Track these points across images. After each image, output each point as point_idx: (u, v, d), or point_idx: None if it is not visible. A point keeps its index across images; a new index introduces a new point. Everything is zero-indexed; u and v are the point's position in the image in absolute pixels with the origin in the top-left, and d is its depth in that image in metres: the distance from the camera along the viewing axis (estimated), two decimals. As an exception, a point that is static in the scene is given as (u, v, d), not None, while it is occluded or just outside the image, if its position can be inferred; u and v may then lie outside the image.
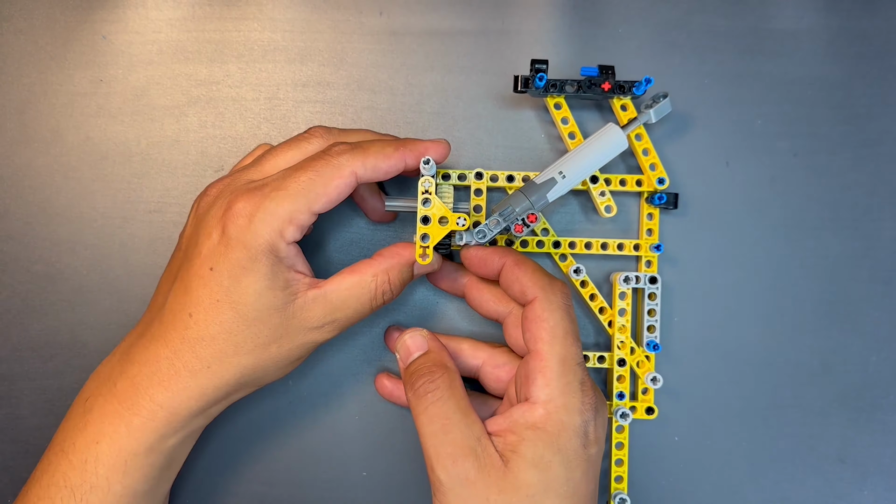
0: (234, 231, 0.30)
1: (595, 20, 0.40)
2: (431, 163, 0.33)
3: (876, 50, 0.39)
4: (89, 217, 0.39)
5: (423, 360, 0.33)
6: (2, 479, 0.39)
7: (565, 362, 0.31)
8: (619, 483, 0.37)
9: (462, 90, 0.39)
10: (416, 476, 0.39)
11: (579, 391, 0.31)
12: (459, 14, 0.40)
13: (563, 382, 0.31)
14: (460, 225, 0.33)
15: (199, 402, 0.31)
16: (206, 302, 0.30)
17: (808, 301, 0.39)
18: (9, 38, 0.39)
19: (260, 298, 0.30)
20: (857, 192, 0.39)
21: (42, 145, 0.39)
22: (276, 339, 0.31)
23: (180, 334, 0.31)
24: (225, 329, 0.31)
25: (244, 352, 0.31)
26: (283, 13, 0.40)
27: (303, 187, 0.31)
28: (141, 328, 0.33)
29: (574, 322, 0.32)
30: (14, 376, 0.39)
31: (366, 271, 0.33)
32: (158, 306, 0.32)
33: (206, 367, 0.31)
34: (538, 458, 0.30)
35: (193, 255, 0.31)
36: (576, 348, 0.31)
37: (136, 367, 0.31)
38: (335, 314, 0.32)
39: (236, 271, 0.30)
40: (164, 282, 0.33)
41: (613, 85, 0.36)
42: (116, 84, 0.39)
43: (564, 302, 0.32)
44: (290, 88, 0.40)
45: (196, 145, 0.39)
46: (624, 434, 0.38)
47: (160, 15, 0.40)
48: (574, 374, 0.31)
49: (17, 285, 0.39)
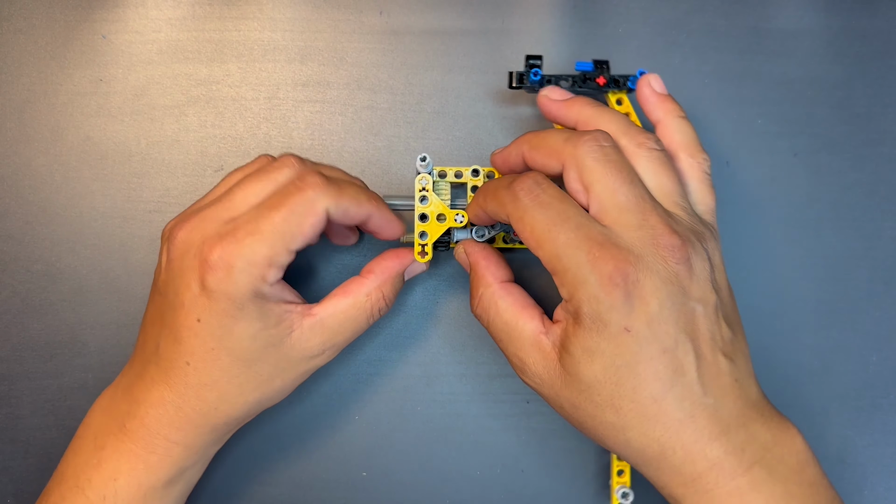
0: (213, 283, 0.29)
1: (595, 20, 0.40)
2: (428, 160, 0.33)
3: (876, 50, 0.39)
4: (89, 217, 0.39)
5: (470, 281, 0.33)
6: (2, 479, 0.39)
7: (561, 254, 0.28)
8: (621, 477, 0.37)
9: (462, 90, 0.39)
10: (416, 476, 0.39)
11: (591, 274, 0.27)
12: (459, 14, 0.40)
13: (571, 274, 0.28)
14: (458, 222, 0.33)
15: (211, 435, 0.32)
16: (200, 351, 0.30)
17: (808, 301, 0.39)
18: (9, 37, 0.39)
19: (255, 341, 0.30)
20: (857, 192, 0.39)
21: (42, 145, 0.39)
22: (279, 373, 0.31)
23: (182, 381, 0.30)
24: (226, 373, 0.30)
25: (249, 391, 0.31)
26: (283, 13, 0.40)
27: (278, 228, 0.30)
28: (138, 368, 0.32)
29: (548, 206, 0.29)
30: (14, 376, 0.39)
31: (359, 292, 0.33)
32: (151, 350, 0.31)
33: (214, 408, 0.31)
34: (581, 352, 0.28)
35: (176, 305, 0.30)
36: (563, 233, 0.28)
37: (143, 408, 0.31)
38: (334, 339, 0.32)
39: (225, 321, 0.30)
40: (150, 323, 0.32)
41: (608, 79, 0.36)
42: (116, 84, 0.39)
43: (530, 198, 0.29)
44: (290, 88, 0.40)
45: (196, 145, 0.39)
46: None
47: (160, 14, 0.40)
48: (575, 260, 0.27)
49: (17, 285, 0.39)
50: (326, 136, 0.39)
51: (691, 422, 0.27)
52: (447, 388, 0.39)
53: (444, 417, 0.39)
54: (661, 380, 0.27)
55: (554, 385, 0.29)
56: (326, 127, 0.39)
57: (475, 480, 0.39)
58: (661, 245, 0.27)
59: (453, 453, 0.39)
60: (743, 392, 0.29)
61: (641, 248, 0.27)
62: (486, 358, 0.39)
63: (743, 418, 0.28)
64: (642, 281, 0.27)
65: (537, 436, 0.39)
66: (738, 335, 0.30)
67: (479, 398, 0.39)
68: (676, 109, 0.33)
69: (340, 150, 0.39)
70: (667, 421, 0.27)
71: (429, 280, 0.39)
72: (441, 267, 0.39)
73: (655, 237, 0.28)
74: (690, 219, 0.30)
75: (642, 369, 0.27)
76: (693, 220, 0.30)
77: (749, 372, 0.29)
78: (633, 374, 0.27)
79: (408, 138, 0.39)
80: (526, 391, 0.39)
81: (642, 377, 0.27)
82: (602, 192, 0.28)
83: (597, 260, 0.27)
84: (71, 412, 0.39)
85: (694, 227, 0.29)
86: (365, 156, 0.39)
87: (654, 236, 0.28)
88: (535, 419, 0.39)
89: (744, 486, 0.27)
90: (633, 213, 0.28)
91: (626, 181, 0.29)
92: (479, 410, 0.39)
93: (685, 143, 0.32)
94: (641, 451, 0.28)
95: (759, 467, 0.27)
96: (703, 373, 0.28)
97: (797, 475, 0.28)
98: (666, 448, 0.28)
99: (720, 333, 0.29)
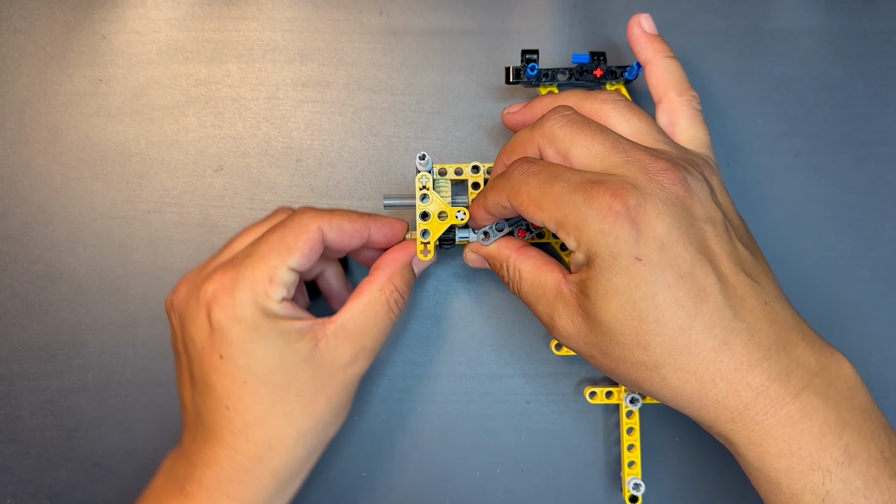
0: (221, 313, 0.29)
1: (595, 19, 0.40)
2: (427, 158, 0.33)
3: (876, 50, 0.39)
4: (89, 217, 0.39)
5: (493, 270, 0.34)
6: (2, 479, 0.39)
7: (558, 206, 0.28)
8: (632, 468, 0.37)
9: (462, 90, 0.39)
10: (416, 476, 0.39)
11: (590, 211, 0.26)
12: (459, 14, 0.40)
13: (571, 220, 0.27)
14: (460, 219, 0.33)
15: (274, 483, 0.30)
16: (234, 389, 0.29)
17: (808, 301, 0.39)
18: (8, 37, 0.39)
19: (283, 360, 0.30)
20: (858, 192, 0.39)
21: (41, 145, 0.39)
22: (320, 389, 0.31)
23: (227, 428, 0.30)
24: (266, 405, 0.30)
25: (296, 417, 0.30)
26: (283, 13, 0.40)
27: (272, 247, 0.30)
28: (189, 434, 0.32)
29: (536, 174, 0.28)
30: (14, 376, 0.39)
31: (371, 288, 0.32)
32: (192, 412, 0.31)
33: (268, 448, 0.30)
34: (597, 293, 0.27)
35: (197, 353, 0.30)
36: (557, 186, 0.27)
37: (200, 469, 0.30)
38: (362, 341, 0.32)
39: (246, 347, 0.29)
40: (184, 390, 0.32)
41: (605, 71, 0.36)
42: (116, 84, 0.39)
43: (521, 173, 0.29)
44: (290, 88, 0.40)
45: (195, 145, 0.39)
46: (634, 419, 0.37)
47: (160, 14, 0.40)
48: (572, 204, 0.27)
49: (17, 285, 0.39)
50: (326, 136, 0.39)
51: (726, 349, 0.26)
52: (447, 388, 0.39)
53: (444, 417, 0.39)
54: (684, 307, 0.26)
55: (580, 334, 0.28)
56: (326, 127, 0.39)
57: (475, 480, 0.39)
58: (652, 170, 0.27)
59: (453, 453, 0.39)
60: (776, 315, 0.27)
61: (634, 178, 0.27)
62: (486, 358, 0.39)
63: (782, 342, 0.26)
64: (644, 206, 0.26)
65: (537, 436, 0.39)
66: (758, 257, 0.28)
67: (479, 398, 0.39)
68: (665, 49, 0.34)
69: (340, 150, 0.39)
70: (700, 351, 0.26)
71: (429, 281, 0.39)
72: (441, 267, 0.39)
73: (644, 165, 0.27)
74: (676, 150, 0.29)
75: (662, 299, 0.26)
76: (680, 151, 0.30)
77: (779, 295, 0.28)
78: (654, 305, 0.26)
79: (408, 138, 0.39)
80: (525, 391, 0.39)
81: (663, 307, 0.26)
82: (580, 152, 0.28)
83: (593, 196, 0.26)
84: (70, 412, 0.39)
85: (682, 155, 0.29)
86: (365, 156, 0.39)
87: (642, 165, 0.27)
88: (535, 419, 0.39)
89: (795, 414, 0.25)
90: (615, 155, 0.28)
91: (598, 132, 0.28)
92: (479, 410, 0.39)
93: (674, 82, 0.33)
94: (680, 389, 0.27)
95: (808, 393, 0.26)
96: (728, 295, 0.26)
97: (848, 401, 0.26)
98: (705, 381, 0.26)
99: (737, 253, 0.27)
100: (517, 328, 0.39)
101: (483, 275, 0.39)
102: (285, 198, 0.39)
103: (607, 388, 0.37)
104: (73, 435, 0.39)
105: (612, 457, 0.39)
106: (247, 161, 0.39)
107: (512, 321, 0.39)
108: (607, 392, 0.37)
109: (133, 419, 0.39)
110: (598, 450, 0.39)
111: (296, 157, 0.39)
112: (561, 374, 0.39)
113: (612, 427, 0.39)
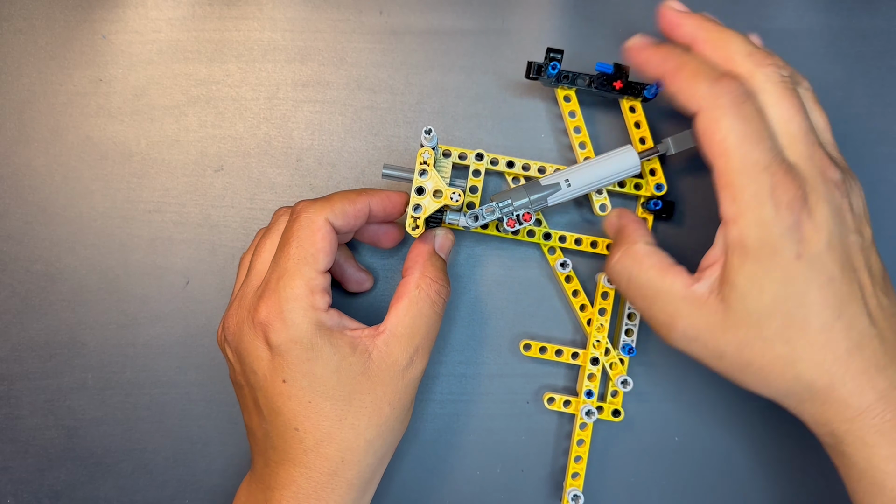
0: (276, 337, 0.30)
1: (595, 20, 0.40)
2: (433, 134, 0.33)
3: (876, 50, 0.39)
4: (89, 217, 0.39)
5: (612, 244, 0.34)
6: (2, 479, 0.39)
7: (745, 171, 0.28)
8: (575, 479, 0.37)
9: (462, 90, 0.39)
10: (416, 476, 0.39)
11: (769, 199, 0.27)
12: (459, 14, 0.40)
13: (749, 194, 0.27)
14: (454, 200, 0.33)
15: (350, 494, 0.31)
16: (300, 409, 0.30)
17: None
18: (8, 37, 0.39)
19: (341, 374, 0.30)
20: (857, 191, 0.39)
21: (41, 145, 0.39)
22: (382, 398, 0.31)
23: (299, 449, 0.30)
24: (333, 420, 0.30)
25: (363, 428, 0.31)
26: (283, 13, 0.40)
27: (297, 258, 0.30)
28: (261, 459, 0.32)
29: (751, 118, 0.28)
30: (14, 376, 0.39)
31: (409, 290, 0.32)
32: (262, 439, 0.32)
33: (340, 461, 0.30)
34: (748, 283, 0.28)
35: (259, 381, 0.31)
36: (757, 152, 0.28)
37: (278, 492, 0.31)
38: (414, 342, 0.32)
39: (305, 367, 0.30)
40: (250, 418, 0.33)
41: (625, 84, 0.36)
42: (116, 84, 0.39)
43: (732, 103, 0.28)
44: (290, 88, 0.40)
45: (196, 145, 0.39)
46: (587, 432, 0.37)
47: (160, 14, 0.40)
48: (759, 182, 0.27)
49: (17, 285, 0.39)
50: (326, 136, 0.39)
51: (859, 351, 0.27)
52: (447, 388, 0.39)
53: (444, 417, 0.39)
54: (830, 308, 0.27)
55: (714, 332, 0.29)
56: (326, 127, 0.39)
57: (475, 480, 0.39)
58: (829, 178, 0.28)
59: (453, 453, 0.39)
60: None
61: (814, 179, 0.28)
62: (486, 358, 0.39)
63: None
64: (816, 210, 0.27)
65: (537, 436, 0.39)
66: (886, 273, 0.30)
67: (479, 398, 0.39)
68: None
69: (340, 150, 0.39)
70: (836, 350, 0.27)
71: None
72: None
73: (824, 170, 0.28)
74: (840, 157, 0.31)
75: (812, 298, 0.27)
76: (841, 159, 0.31)
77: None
78: (804, 303, 0.27)
79: (408, 138, 0.39)
80: (525, 391, 0.39)
81: (812, 306, 0.27)
82: (776, 116, 0.29)
83: (778, 185, 0.27)
84: (71, 412, 0.39)
85: (846, 167, 0.30)
86: (365, 156, 0.39)
87: (822, 169, 0.28)
88: (535, 419, 0.39)
89: None
90: (803, 145, 0.28)
91: (799, 111, 0.29)
92: (479, 410, 0.39)
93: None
94: (811, 384, 0.28)
95: None
96: (867, 302, 0.28)
97: None
98: (836, 378, 0.28)
99: (871, 265, 0.29)
100: (517, 328, 0.39)
101: (483, 275, 0.39)
102: (285, 198, 0.39)
103: (564, 398, 0.38)
104: (73, 434, 0.39)
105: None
106: (247, 161, 0.39)
107: (512, 321, 0.39)
108: (565, 401, 0.38)
109: (133, 419, 0.39)
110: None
111: (296, 157, 0.39)
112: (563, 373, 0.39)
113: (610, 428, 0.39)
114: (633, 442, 0.39)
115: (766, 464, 0.39)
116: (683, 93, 0.29)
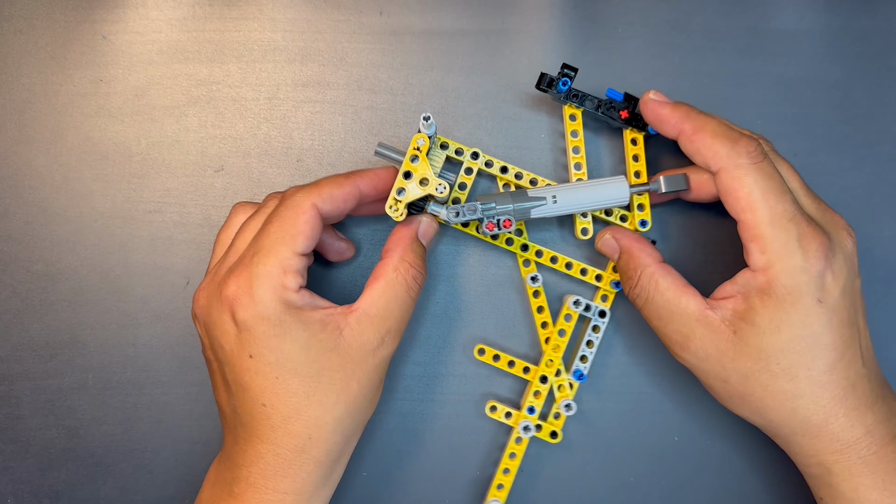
0: (243, 313, 0.30)
1: (595, 20, 0.40)
2: (432, 121, 0.33)
3: (876, 50, 0.39)
4: (89, 217, 0.39)
5: (620, 265, 0.35)
6: (2, 479, 0.39)
7: (774, 223, 0.30)
8: (499, 491, 0.37)
9: (462, 90, 0.39)
10: (416, 476, 0.39)
11: (798, 249, 0.30)
12: (459, 14, 0.40)
13: (778, 245, 0.30)
14: (439, 192, 0.32)
15: (318, 472, 0.31)
16: (267, 385, 0.30)
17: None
18: (9, 38, 0.39)
19: (310, 351, 0.30)
20: (857, 192, 0.39)
21: (42, 145, 0.39)
22: (350, 376, 0.31)
23: (266, 425, 0.30)
24: (301, 396, 0.30)
25: (331, 405, 0.31)
26: (283, 13, 0.40)
27: (275, 237, 0.30)
28: (230, 437, 0.32)
29: (771, 175, 0.31)
30: (14, 376, 0.39)
31: (387, 272, 0.33)
32: (231, 415, 0.32)
33: (308, 438, 0.30)
34: (767, 323, 0.30)
35: (227, 357, 0.31)
36: (782, 204, 0.30)
37: (245, 469, 0.31)
38: (386, 324, 0.32)
39: (272, 342, 0.30)
40: (219, 395, 0.33)
41: (631, 115, 0.36)
42: (116, 84, 0.39)
43: (753, 161, 0.31)
44: (290, 88, 0.40)
45: (196, 145, 0.39)
46: (521, 446, 0.37)
47: (160, 15, 0.40)
48: (788, 233, 0.30)
49: (17, 285, 0.39)
50: (326, 136, 0.39)
51: (853, 390, 0.30)
52: (447, 388, 0.39)
53: (444, 417, 0.39)
54: (836, 350, 0.30)
55: (722, 358, 0.31)
56: (326, 127, 0.39)
57: (475, 480, 0.39)
58: (841, 227, 0.32)
59: (453, 453, 0.39)
60: (878, 370, 0.32)
61: (830, 230, 0.31)
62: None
63: (882, 390, 0.32)
64: (835, 258, 0.30)
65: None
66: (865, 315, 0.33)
67: (479, 398, 0.39)
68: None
69: (340, 150, 0.39)
70: (835, 389, 0.30)
71: (428, 281, 0.39)
72: (440, 267, 0.39)
73: (835, 221, 0.32)
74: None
75: (825, 339, 0.30)
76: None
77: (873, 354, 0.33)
78: (816, 343, 0.30)
79: (408, 138, 0.39)
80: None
81: (822, 347, 0.30)
82: (792, 180, 0.33)
83: (805, 235, 0.30)
84: (71, 412, 0.39)
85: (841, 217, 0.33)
86: (365, 156, 0.39)
87: (833, 220, 0.32)
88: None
89: (890, 454, 0.30)
90: (811, 200, 0.32)
91: (795, 171, 0.33)
92: (479, 410, 0.39)
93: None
94: (806, 419, 0.30)
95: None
96: (862, 344, 0.31)
97: None
98: (830, 415, 0.30)
99: (863, 307, 0.32)
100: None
101: (484, 274, 0.39)
102: (285, 198, 0.39)
103: (507, 409, 0.38)
104: (73, 434, 0.39)
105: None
106: (247, 161, 0.39)
107: (512, 321, 0.39)
108: (507, 413, 0.38)
109: (133, 419, 0.39)
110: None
111: (296, 157, 0.39)
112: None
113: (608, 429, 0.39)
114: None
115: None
116: (702, 153, 0.32)
